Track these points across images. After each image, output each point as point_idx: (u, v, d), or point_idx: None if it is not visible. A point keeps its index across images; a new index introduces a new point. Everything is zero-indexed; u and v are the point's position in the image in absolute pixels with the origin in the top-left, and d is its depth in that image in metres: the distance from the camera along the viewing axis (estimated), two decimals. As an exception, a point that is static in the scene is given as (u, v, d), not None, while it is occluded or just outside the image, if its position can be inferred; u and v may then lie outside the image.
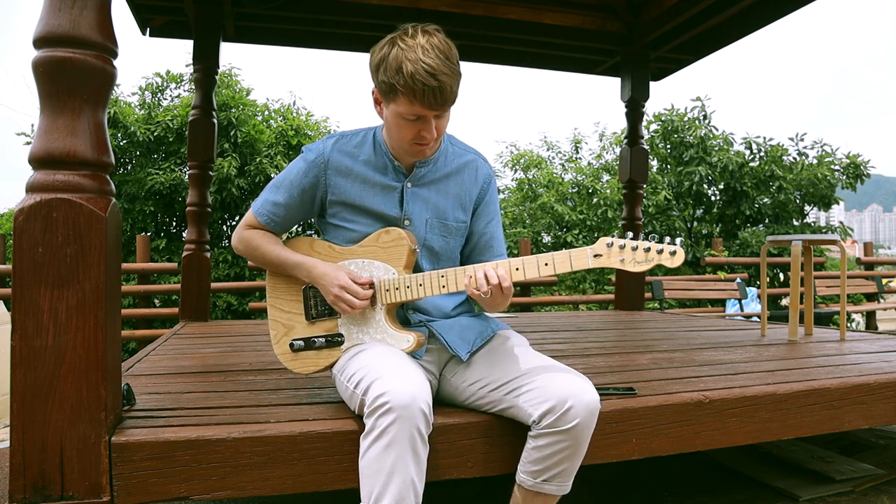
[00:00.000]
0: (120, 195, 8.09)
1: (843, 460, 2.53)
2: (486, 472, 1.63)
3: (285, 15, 4.47)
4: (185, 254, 4.20)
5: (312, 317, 1.69)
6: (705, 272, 8.92)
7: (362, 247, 1.65)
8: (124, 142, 8.26)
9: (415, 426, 1.34)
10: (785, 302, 9.40)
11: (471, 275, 1.51)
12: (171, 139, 8.32)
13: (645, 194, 9.45)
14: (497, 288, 1.48)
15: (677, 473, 2.53)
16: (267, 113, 9.31)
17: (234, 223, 8.74)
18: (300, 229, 8.61)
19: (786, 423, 1.97)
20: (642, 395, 1.84)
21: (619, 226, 8.42)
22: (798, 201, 11.07)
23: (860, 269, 9.13)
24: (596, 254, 1.43)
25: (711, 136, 11.22)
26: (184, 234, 7.11)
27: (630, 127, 5.10)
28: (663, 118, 11.40)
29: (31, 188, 1.37)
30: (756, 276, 9.59)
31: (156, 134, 8.20)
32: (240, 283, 6.87)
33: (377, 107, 1.58)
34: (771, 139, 11.16)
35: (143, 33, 4.63)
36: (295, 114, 9.42)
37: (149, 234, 7.92)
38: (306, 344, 1.68)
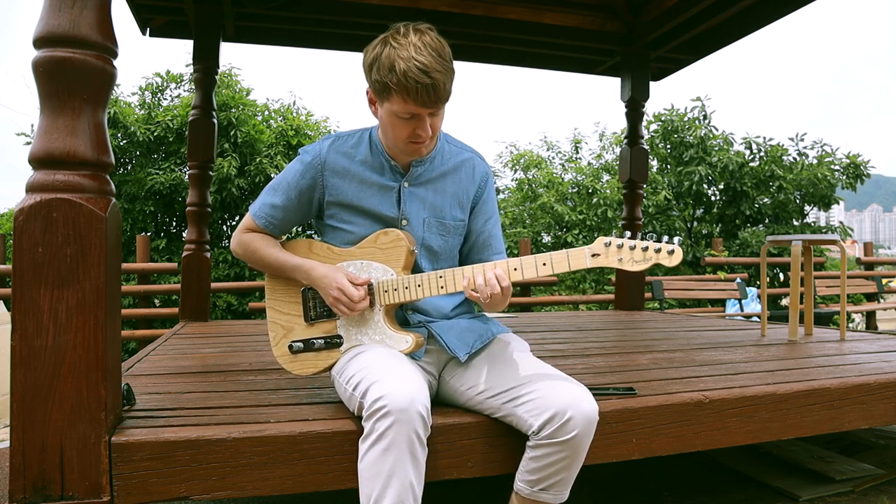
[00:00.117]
0: (120, 195, 8.09)
1: (843, 460, 2.53)
2: (485, 472, 1.63)
3: (285, 15, 4.47)
4: (185, 254, 4.21)
5: (311, 318, 1.69)
6: (705, 272, 8.92)
7: (361, 248, 1.65)
8: (124, 142, 8.26)
9: (413, 429, 1.34)
10: (785, 302, 9.40)
11: (469, 276, 1.51)
12: (171, 139, 8.33)
13: (645, 194, 9.45)
14: (496, 292, 1.47)
15: (677, 473, 2.53)
16: (267, 113, 9.32)
17: (235, 223, 8.74)
18: (300, 230, 8.61)
19: (786, 423, 1.98)
20: (642, 395, 1.84)
21: (619, 226, 8.42)
22: (798, 201, 11.07)
23: (860, 269, 9.14)
24: (594, 253, 1.43)
25: (711, 136, 11.22)
26: (184, 234, 7.11)
27: (630, 127, 5.11)
28: (663, 118, 11.40)
29: (31, 188, 1.37)
30: (756, 276, 9.59)
31: (156, 134, 8.20)
32: (240, 283, 6.88)
33: (372, 107, 1.58)
34: (771, 139, 11.18)
35: (143, 33, 4.63)
36: (295, 114, 9.43)
37: (149, 234, 7.92)
38: (305, 346, 1.68)
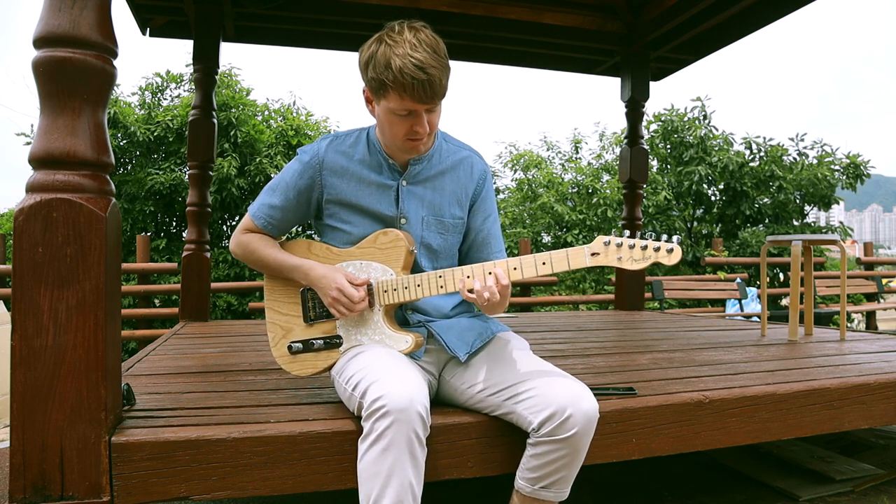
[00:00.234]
0: (120, 195, 8.09)
1: (843, 460, 2.53)
2: (485, 472, 1.63)
3: (285, 15, 4.47)
4: (185, 254, 4.21)
5: (311, 319, 1.69)
6: (705, 272, 8.93)
7: (360, 248, 1.65)
8: (124, 142, 8.26)
9: (412, 429, 1.34)
10: (785, 302, 9.40)
11: (468, 277, 1.51)
12: (171, 139, 8.33)
13: (645, 194, 9.45)
14: (495, 300, 1.47)
15: (677, 473, 2.53)
16: (267, 113, 9.32)
17: (234, 223, 8.74)
18: (299, 230, 8.61)
19: (786, 423, 1.98)
20: (642, 395, 1.84)
21: (619, 226, 8.42)
22: (798, 201, 11.07)
23: (860, 269, 9.14)
24: (593, 252, 1.43)
25: (711, 136, 11.22)
26: (184, 234, 7.11)
27: (630, 127, 5.11)
28: (663, 118, 11.40)
29: (31, 188, 1.37)
30: (756, 276, 9.59)
31: (156, 134, 8.20)
32: (240, 283, 6.88)
33: (369, 105, 1.58)
34: (771, 139, 11.19)
35: (143, 33, 4.63)
36: (295, 114, 9.43)
37: (149, 234, 7.92)
38: (305, 346, 1.68)
